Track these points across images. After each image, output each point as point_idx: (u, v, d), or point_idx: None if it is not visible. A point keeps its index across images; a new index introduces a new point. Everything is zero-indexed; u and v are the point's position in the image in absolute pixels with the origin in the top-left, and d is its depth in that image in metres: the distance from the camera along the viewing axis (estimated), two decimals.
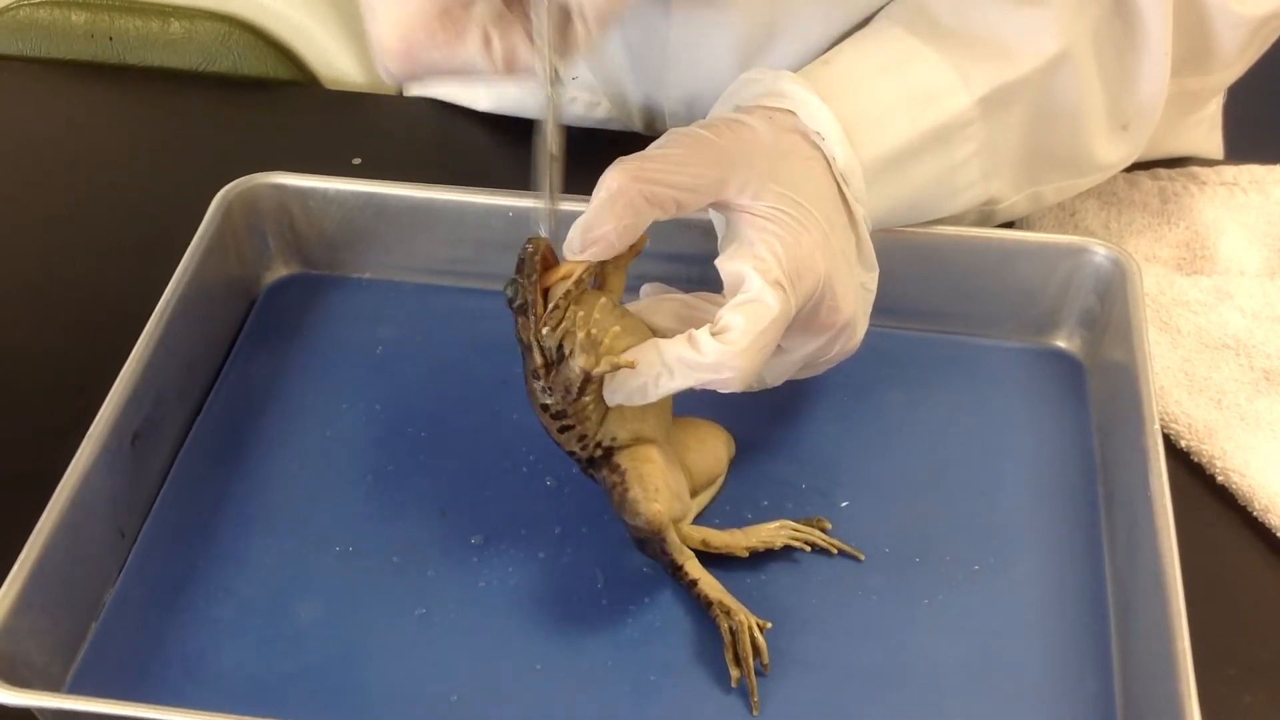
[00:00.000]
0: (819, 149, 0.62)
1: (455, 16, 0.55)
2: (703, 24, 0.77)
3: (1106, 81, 0.69)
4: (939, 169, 0.67)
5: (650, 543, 0.60)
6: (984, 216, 0.72)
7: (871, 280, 0.65)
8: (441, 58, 0.56)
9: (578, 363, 0.57)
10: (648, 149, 0.59)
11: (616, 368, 0.56)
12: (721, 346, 0.56)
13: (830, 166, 0.62)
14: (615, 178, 0.57)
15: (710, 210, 0.62)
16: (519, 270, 0.58)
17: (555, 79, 0.55)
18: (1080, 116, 0.70)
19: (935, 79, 0.66)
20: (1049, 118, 0.69)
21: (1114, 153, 0.72)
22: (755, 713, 0.58)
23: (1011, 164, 0.69)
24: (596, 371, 0.56)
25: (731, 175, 0.58)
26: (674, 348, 0.56)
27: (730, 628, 0.59)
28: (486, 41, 0.56)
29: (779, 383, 0.63)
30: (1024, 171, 0.71)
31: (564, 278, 0.57)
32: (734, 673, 0.58)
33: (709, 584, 0.60)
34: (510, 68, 0.56)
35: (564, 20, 0.55)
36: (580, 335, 0.56)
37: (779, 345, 0.59)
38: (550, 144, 0.57)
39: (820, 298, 0.59)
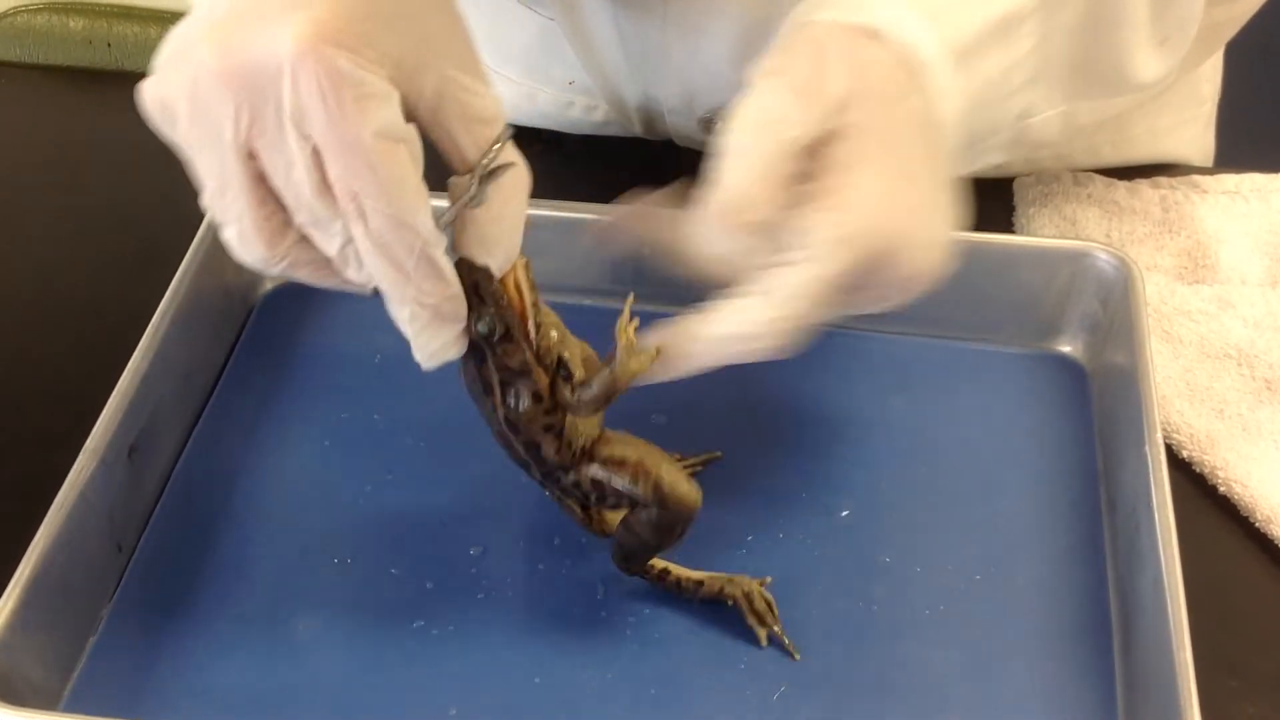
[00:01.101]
0: (909, 74, 0.55)
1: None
2: (700, 21, 0.77)
3: None
4: (1000, 65, 0.61)
5: (640, 554, 0.60)
6: (1017, 135, 0.67)
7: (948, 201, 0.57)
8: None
9: (628, 368, 0.54)
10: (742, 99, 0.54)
11: (656, 359, 0.54)
12: (770, 312, 0.51)
13: (922, 94, 0.56)
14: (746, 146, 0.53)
15: None
16: (481, 303, 0.53)
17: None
18: (1125, 22, 0.66)
19: None
20: (1096, 19, 0.65)
21: (1150, 69, 0.69)
22: (796, 657, 0.60)
23: (1055, 69, 0.65)
24: (648, 369, 0.54)
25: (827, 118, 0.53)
26: (723, 323, 0.52)
27: (744, 593, 0.60)
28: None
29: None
30: (1062, 82, 0.67)
31: (514, 290, 0.55)
32: (761, 633, 0.60)
33: (704, 579, 0.61)
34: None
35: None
36: (615, 344, 0.54)
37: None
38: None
39: (893, 252, 0.53)
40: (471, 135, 0.51)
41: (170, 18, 1.01)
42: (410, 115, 0.50)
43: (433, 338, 0.53)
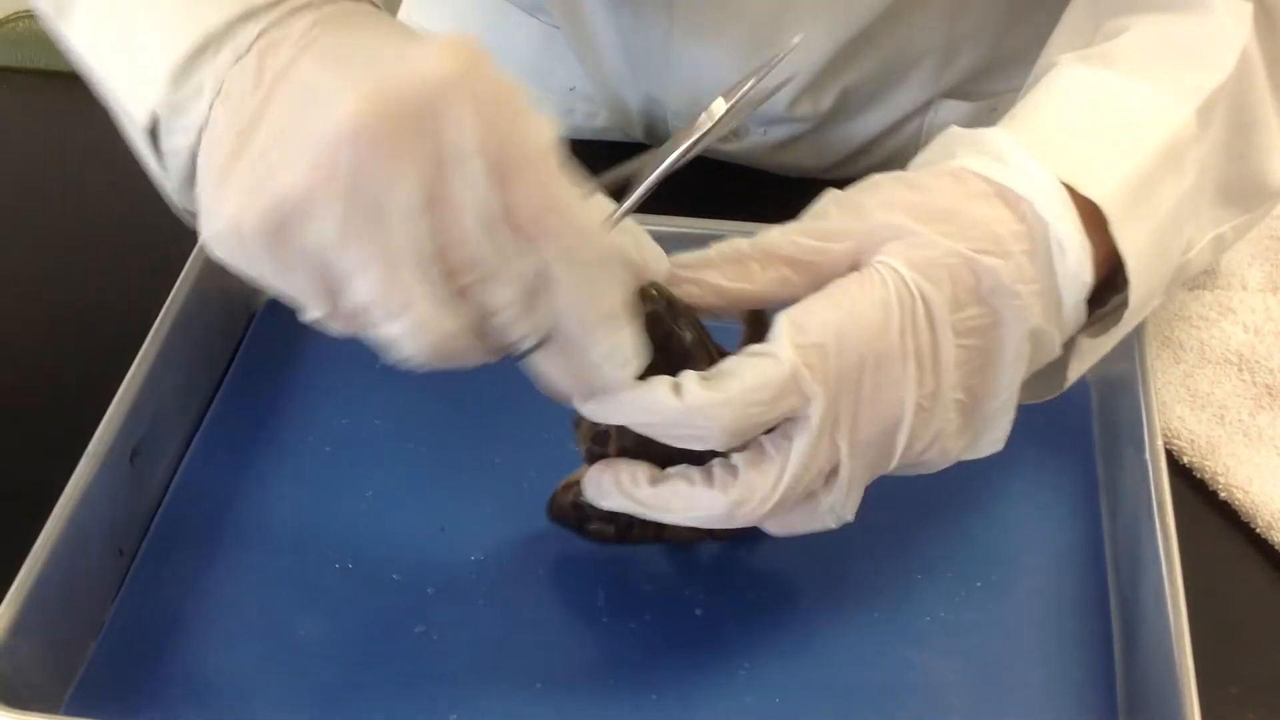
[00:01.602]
0: (998, 230, 0.52)
1: None
2: (705, 25, 0.77)
3: (1275, 86, 0.62)
4: (1176, 197, 0.56)
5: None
6: (1177, 275, 0.61)
7: (992, 405, 0.55)
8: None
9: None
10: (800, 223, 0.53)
11: None
12: (706, 394, 0.49)
13: (1000, 255, 0.52)
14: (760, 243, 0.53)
15: None
16: (677, 316, 0.52)
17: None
18: (1261, 127, 0.62)
19: (1143, 96, 0.57)
20: (1239, 131, 0.61)
21: None
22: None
23: (1209, 194, 0.61)
24: None
25: (877, 248, 0.52)
26: (653, 385, 0.50)
27: None
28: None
29: (851, 510, 0.55)
30: (1214, 204, 0.62)
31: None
32: None
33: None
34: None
35: None
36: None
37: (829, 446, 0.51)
38: None
39: (868, 383, 0.50)
40: None
41: None
42: None
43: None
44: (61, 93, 0.97)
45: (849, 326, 0.50)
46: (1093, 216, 0.53)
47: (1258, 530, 0.65)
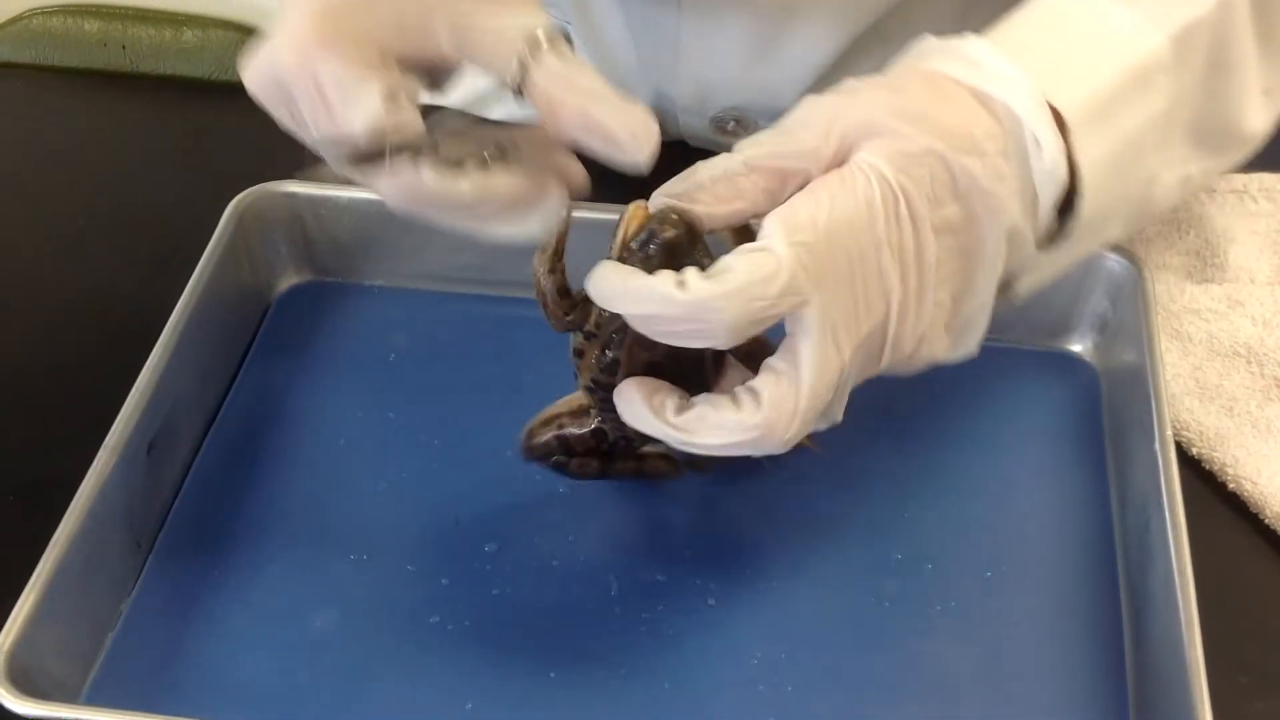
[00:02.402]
0: (975, 129, 0.53)
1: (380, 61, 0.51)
2: (714, 20, 0.77)
3: (1259, 33, 0.62)
4: (1139, 121, 0.57)
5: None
6: (1141, 208, 0.63)
7: (970, 305, 0.55)
8: (332, 67, 0.50)
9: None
10: (775, 130, 0.54)
11: None
12: (706, 286, 0.49)
13: (977, 155, 0.53)
14: (737, 160, 0.53)
15: None
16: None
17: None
18: (1240, 71, 0.62)
19: (1119, 20, 0.58)
20: (1217, 70, 0.61)
21: (1258, 121, 0.65)
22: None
23: (1180, 129, 0.62)
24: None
25: (854, 146, 0.53)
26: (660, 277, 0.50)
27: None
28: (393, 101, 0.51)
29: (840, 411, 0.55)
30: (1184, 142, 0.63)
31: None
32: None
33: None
34: (372, 136, 0.51)
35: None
36: None
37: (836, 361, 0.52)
38: None
39: (855, 276, 0.51)
40: (505, 51, 0.51)
41: (185, 20, 1.02)
42: (441, 63, 0.52)
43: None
44: (73, 89, 0.98)
45: (836, 223, 0.51)
46: (1059, 126, 0.54)
47: (1267, 521, 0.66)
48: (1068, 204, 0.57)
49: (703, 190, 0.53)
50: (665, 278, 0.50)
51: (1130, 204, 0.61)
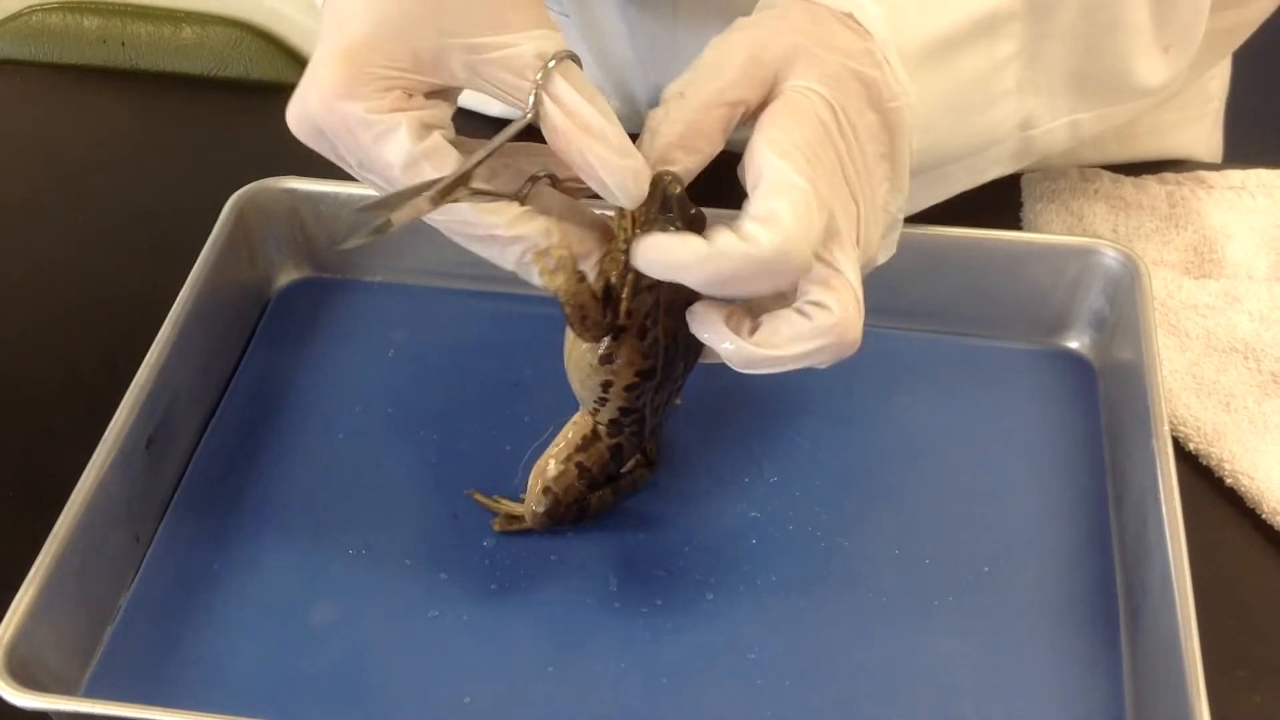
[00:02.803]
0: (860, 48, 0.57)
1: (407, 96, 0.53)
2: (710, 17, 0.77)
3: None
4: (980, 66, 0.63)
5: None
6: (1022, 146, 0.67)
7: (895, 204, 0.59)
8: (364, 110, 0.52)
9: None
10: (697, 68, 0.56)
11: None
12: (771, 232, 0.50)
13: (873, 66, 0.57)
14: (686, 112, 0.54)
15: None
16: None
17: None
18: (1123, 30, 0.66)
19: None
20: (1092, 27, 0.65)
21: (1155, 75, 0.69)
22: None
23: (1051, 78, 0.66)
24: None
25: (776, 80, 0.55)
26: (724, 237, 0.51)
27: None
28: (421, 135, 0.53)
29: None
30: (1063, 91, 0.67)
31: None
32: None
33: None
34: (411, 169, 0.53)
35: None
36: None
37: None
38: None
39: (840, 188, 0.55)
40: (517, 82, 0.53)
41: (184, 17, 1.02)
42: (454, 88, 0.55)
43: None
44: (72, 86, 0.98)
45: (811, 146, 0.54)
46: None
47: (1263, 516, 0.66)
48: None
49: (672, 148, 0.55)
50: (725, 236, 0.51)
51: (991, 142, 0.66)
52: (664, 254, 0.52)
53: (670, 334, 0.57)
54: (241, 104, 0.95)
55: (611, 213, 0.55)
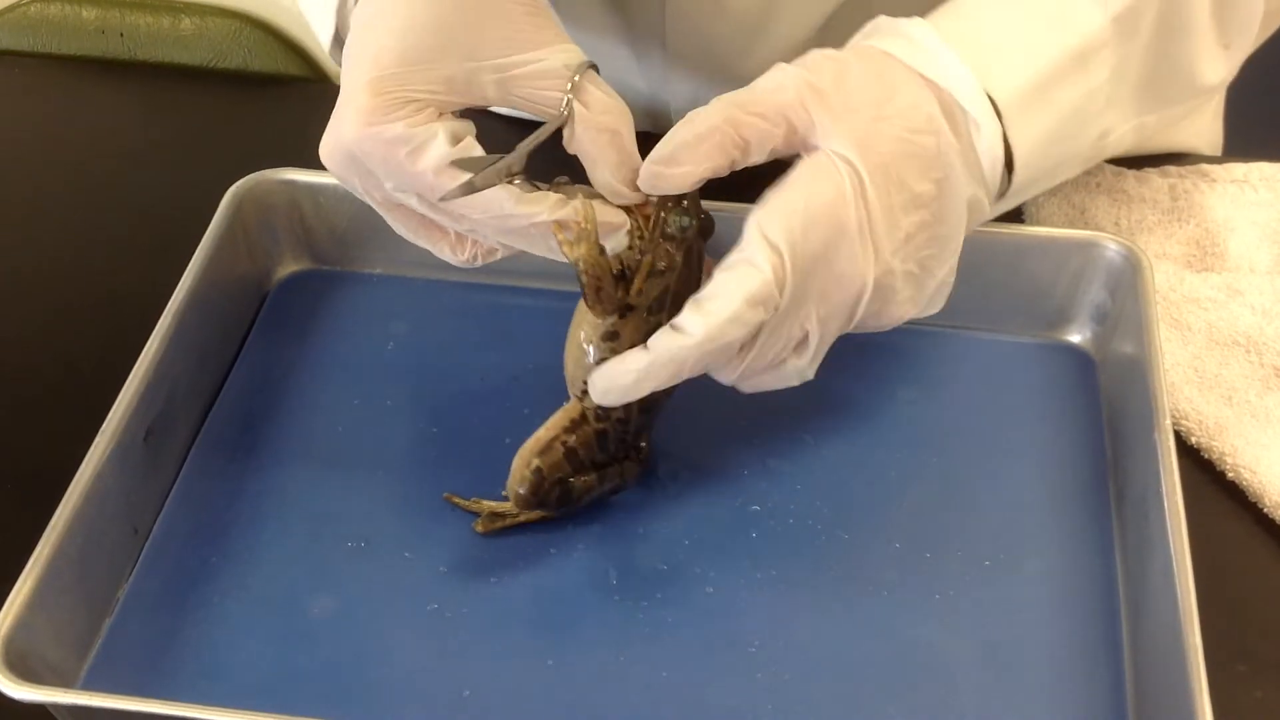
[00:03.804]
0: (929, 112, 0.58)
1: (432, 118, 0.56)
2: (698, 16, 0.77)
3: None
4: (1077, 97, 0.62)
5: None
6: (1096, 154, 0.67)
7: (942, 269, 0.60)
8: (395, 131, 0.55)
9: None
10: (746, 91, 0.57)
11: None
12: (706, 321, 0.55)
13: (936, 134, 0.58)
14: (708, 119, 0.56)
15: None
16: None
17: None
18: (1191, 34, 0.66)
19: (1063, 3, 0.62)
20: (1167, 36, 0.65)
21: (1216, 73, 0.69)
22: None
23: (1131, 88, 0.66)
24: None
25: (819, 123, 0.57)
26: (658, 341, 0.56)
27: None
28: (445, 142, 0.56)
29: (814, 369, 0.61)
30: (1137, 99, 0.67)
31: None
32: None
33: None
34: (437, 180, 0.56)
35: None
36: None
37: (801, 316, 0.57)
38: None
39: (833, 258, 0.56)
40: (547, 92, 0.57)
41: (182, 8, 1.02)
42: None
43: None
44: (71, 77, 0.98)
45: (813, 217, 0.55)
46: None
47: (1265, 510, 0.66)
48: (1010, 164, 0.61)
49: (684, 150, 0.56)
50: (667, 337, 0.56)
51: (1077, 160, 0.66)
52: (612, 381, 0.57)
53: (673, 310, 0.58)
54: (240, 95, 0.95)
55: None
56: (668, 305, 0.58)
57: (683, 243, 0.58)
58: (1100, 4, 0.62)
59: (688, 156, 0.56)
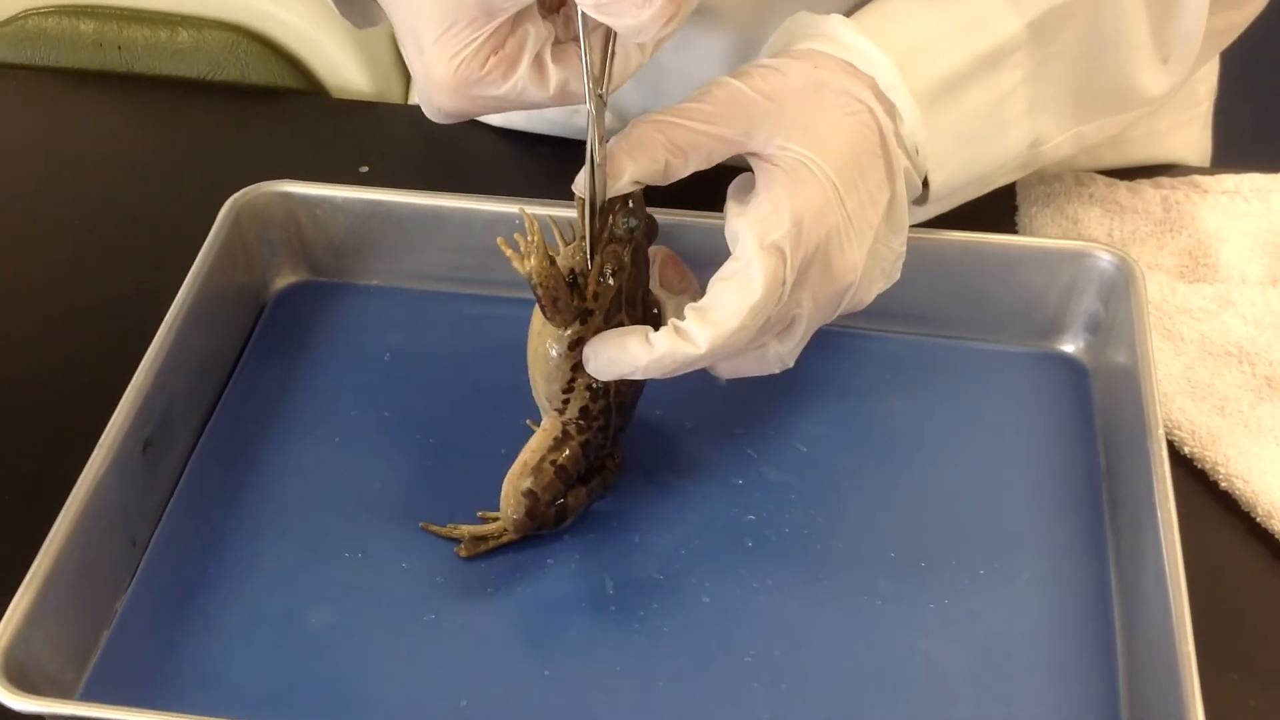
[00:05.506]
0: (863, 98, 0.61)
1: (508, 47, 0.56)
2: (691, 30, 0.77)
3: (1150, 10, 0.68)
4: (989, 98, 0.65)
5: None
6: (1030, 162, 0.70)
7: (898, 242, 0.64)
8: (495, 90, 0.57)
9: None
10: (683, 101, 0.60)
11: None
12: (711, 332, 0.57)
13: (874, 116, 0.61)
14: (641, 127, 0.58)
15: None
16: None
17: (600, 103, 0.57)
18: (1124, 47, 0.69)
19: (984, 5, 0.65)
20: (1094, 47, 0.68)
21: (1156, 85, 0.71)
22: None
23: (1057, 98, 0.68)
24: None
25: (759, 127, 0.59)
26: (663, 340, 0.57)
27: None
28: (540, 70, 0.57)
29: (795, 357, 0.63)
30: (1069, 108, 0.69)
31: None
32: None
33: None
34: (563, 98, 0.58)
35: (608, 46, 0.57)
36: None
37: (792, 306, 0.59)
38: (595, 153, 0.57)
39: (827, 255, 0.59)
40: None
41: (180, 21, 1.02)
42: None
43: None
44: (68, 90, 0.98)
45: (803, 216, 0.58)
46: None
47: (1258, 519, 0.66)
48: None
49: (620, 153, 0.58)
50: (671, 341, 0.57)
51: (1006, 167, 0.68)
52: (612, 362, 0.59)
53: (633, 322, 0.60)
54: (238, 108, 0.95)
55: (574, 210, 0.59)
56: (623, 305, 0.60)
57: (630, 244, 0.59)
58: (1015, 10, 0.64)
59: (624, 158, 0.58)
